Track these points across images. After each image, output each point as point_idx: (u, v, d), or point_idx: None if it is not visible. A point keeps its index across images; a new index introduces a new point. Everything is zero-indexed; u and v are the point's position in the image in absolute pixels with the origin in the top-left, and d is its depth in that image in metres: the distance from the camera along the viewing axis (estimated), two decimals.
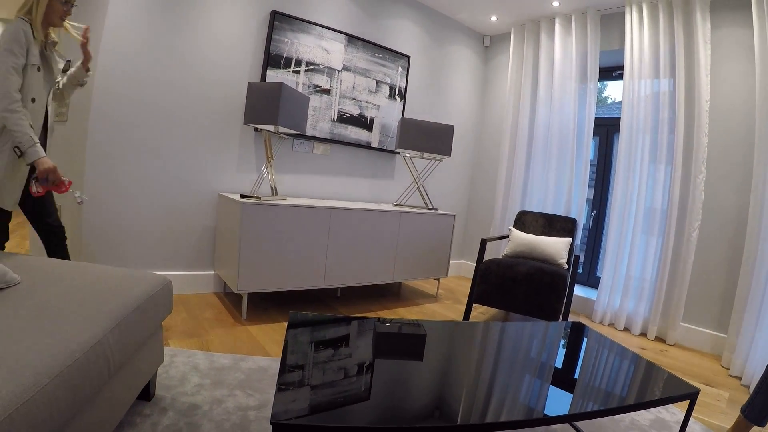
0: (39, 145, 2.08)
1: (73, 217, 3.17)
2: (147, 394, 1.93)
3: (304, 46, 3.82)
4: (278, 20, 3.66)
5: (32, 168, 2.13)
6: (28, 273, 1.72)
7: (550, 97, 4.63)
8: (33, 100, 2.14)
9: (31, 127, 2.09)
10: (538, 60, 4.78)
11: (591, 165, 4.40)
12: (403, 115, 4.66)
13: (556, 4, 4.38)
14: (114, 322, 1.42)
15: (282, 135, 3.55)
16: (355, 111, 4.24)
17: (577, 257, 3.57)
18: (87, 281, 1.70)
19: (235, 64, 3.59)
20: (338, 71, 4.07)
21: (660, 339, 3.79)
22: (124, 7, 3.09)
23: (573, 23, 4.41)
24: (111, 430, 1.49)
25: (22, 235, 5.20)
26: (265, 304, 3.45)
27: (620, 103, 4.12)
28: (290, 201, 3.39)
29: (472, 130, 5.59)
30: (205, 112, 3.49)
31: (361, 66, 4.22)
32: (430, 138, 4.09)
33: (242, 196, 3.24)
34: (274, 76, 3.69)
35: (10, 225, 2.36)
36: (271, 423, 1.12)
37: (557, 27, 4.53)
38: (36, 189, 2.13)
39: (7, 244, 2.35)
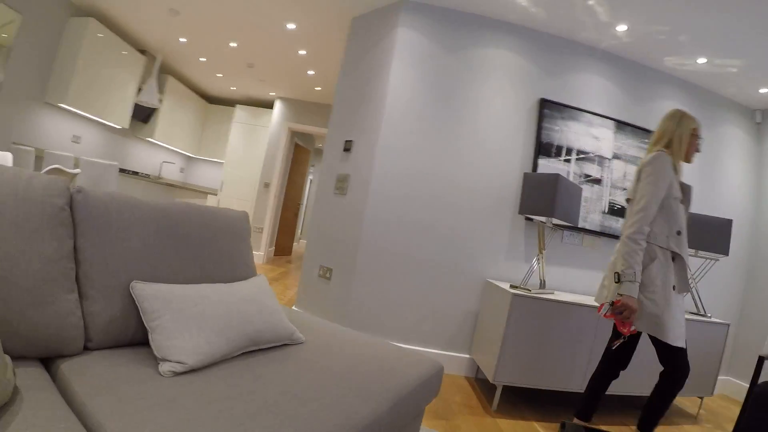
0: (637, 284, 2.26)
1: (343, 283, 3.76)
2: None
3: (573, 133, 3.95)
4: (547, 108, 3.88)
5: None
6: (310, 334, 2.05)
7: None
8: (678, 232, 2.33)
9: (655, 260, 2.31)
10: None
11: None
12: None
13: None
14: (391, 402, 1.54)
15: (555, 227, 3.66)
16: (625, 202, 4.08)
17: None
18: (366, 353, 1.91)
19: (506, 152, 3.87)
20: (608, 159, 4.09)
21: None
22: (400, 101, 3.82)
23: None
24: None
25: (285, 284, 6.36)
26: (515, 399, 3.45)
27: None
28: (558, 295, 3.44)
29: (746, 224, 5.05)
30: (477, 199, 3.86)
31: (630, 153, 4.19)
32: (705, 234, 3.86)
33: (512, 286, 3.37)
34: (545, 165, 3.87)
35: (275, 275, 2.39)
36: None
37: None
38: (605, 311, 2.35)
39: (280, 297, 2.37)
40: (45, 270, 1.37)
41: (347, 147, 4.19)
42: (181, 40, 6.43)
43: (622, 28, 3.76)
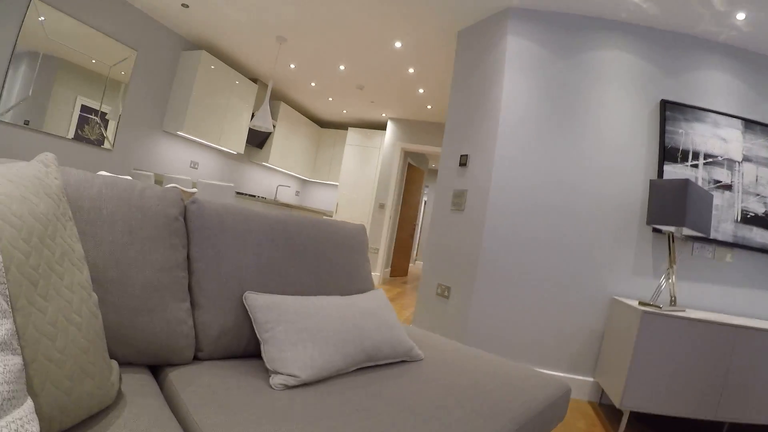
0: None
1: (461, 301, 3.75)
2: None
3: (699, 136, 3.70)
4: (669, 110, 3.66)
5: None
6: (430, 351, 2.01)
7: None
8: None
9: None
10: None
11: None
12: None
13: None
14: (517, 425, 1.43)
15: (685, 237, 3.51)
16: (760, 209, 3.83)
17: None
18: (488, 372, 1.82)
19: (629, 159, 3.69)
20: (738, 163, 3.78)
21: None
22: (515, 110, 3.75)
23: None
24: None
25: (402, 304, 6.49)
26: (640, 426, 3.26)
27: None
28: (689, 313, 3.21)
29: None
30: (600, 210, 3.67)
31: (762, 155, 3.85)
32: None
33: (640, 303, 3.18)
34: (671, 171, 3.64)
35: (391, 295, 2.33)
36: None
37: None
38: None
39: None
40: (156, 278, 1.36)
41: (463, 162, 4.11)
42: (291, 66, 6.66)
43: (740, 16, 3.40)
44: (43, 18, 4.45)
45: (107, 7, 5.07)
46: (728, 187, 3.70)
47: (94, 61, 4.98)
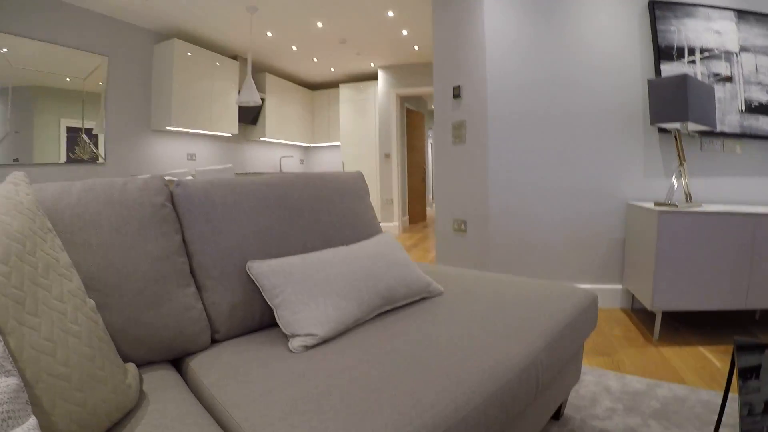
0: None
1: (479, 232, 3.73)
2: (557, 412, 1.98)
3: (692, 32, 3.62)
4: (658, 9, 3.57)
5: None
6: (449, 283, 1.99)
7: None
8: None
9: None
10: None
11: None
12: None
13: None
14: (546, 341, 1.43)
15: (692, 133, 3.45)
16: (763, 98, 3.74)
17: None
18: (510, 293, 1.81)
19: (624, 64, 3.61)
20: (736, 54, 3.69)
21: None
22: (500, 31, 3.67)
23: None
24: None
25: (425, 248, 6.48)
26: (675, 324, 3.31)
27: None
28: (706, 207, 3.17)
29: None
30: (602, 118, 3.61)
31: (760, 44, 3.73)
32: None
33: (656, 203, 3.16)
34: (668, 69, 3.58)
35: (413, 241, 2.34)
36: None
37: None
38: None
39: (411, 256, 2.28)
40: (154, 269, 1.35)
41: (456, 93, 4.06)
42: (268, 34, 6.54)
43: None
44: (5, 49, 4.38)
45: (68, 19, 4.99)
46: (729, 79, 3.63)
47: (68, 79, 4.92)
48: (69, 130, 4.94)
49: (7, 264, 0.85)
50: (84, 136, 5.10)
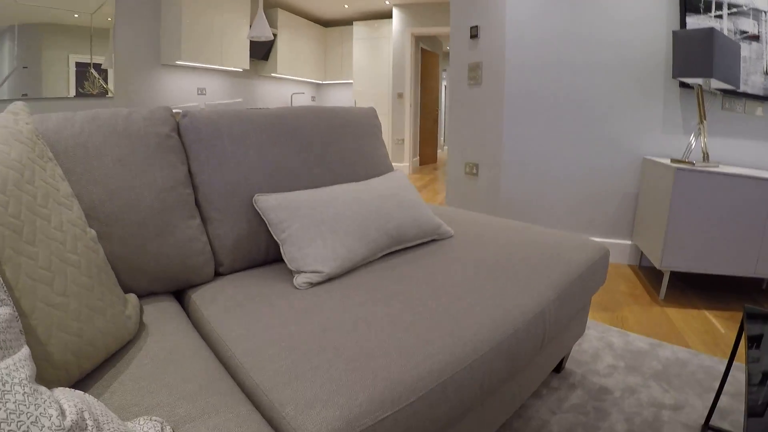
0: None
1: (491, 177, 3.70)
2: (558, 365, 1.98)
3: None
4: None
5: None
6: (460, 227, 1.95)
7: None
8: None
9: None
10: None
11: None
12: None
13: None
14: (556, 292, 1.40)
15: (714, 91, 3.35)
16: None
17: None
18: (521, 241, 1.77)
19: (648, 13, 3.45)
20: (765, 12, 3.49)
21: None
22: None
23: None
24: (523, 400, 1.48)
25: (435, 189, 6.51)
26: (682, 285, 3.27)
27: None
28: (723, 168, 3.07)
29: None
30: (624, 68, 3.48)
31: None
32: None
33: (673, 160, 3.09)
34: (694, 23, 3.43)
35: (423, 183, 2.33)
36: None
37: None
38: None
39: (430, 203, 2.30)
40: (159, 200, 1.32)
41: (474, 33, 3.92)
42: None
43: None
44: None
45: None
46: (756, 38, 3.47)
47: (76, 15, 4.80)
48: (78, 65, 4.86)
49: (5, 193, 0.82)
50: (93, 70, 5.02)
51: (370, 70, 8.52)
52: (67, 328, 0.83)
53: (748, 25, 3.46)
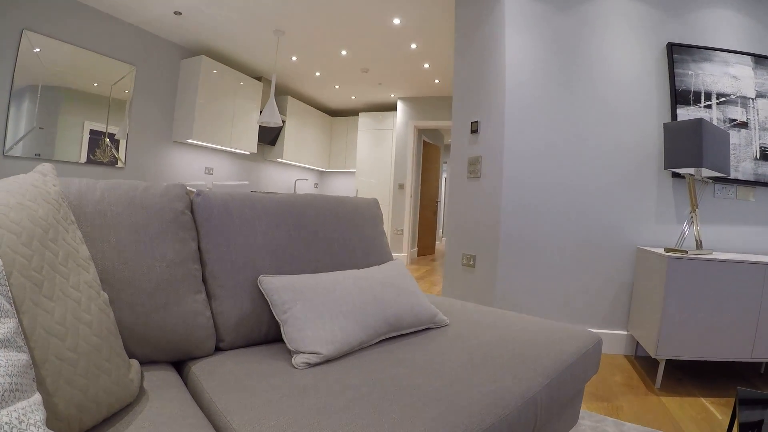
0: None
1: (487, 268, 3.76)
2: None
3: (709, 76, 3.64)
4: (677, 52, 3.61)
5: None
6: (455, 316, 2.01)
7: None
8: None
9: None
10: None
11: None
12: None
13: None
14: (547, 379, 1.43)
15: (705, 179, 3.47)
16: None
17: None
18: (515, 330, 1.82)
19: (640, 106, 3.63)
20: (752, 99, 3.70)
21: None
22: (520, 69, 3.69)
23: None
24: None
25: (432, 281, 6.50)
26: (678, 374, 3.27)
27: None
28: (717, 255, 3.16)
29: None
30: (617, 160, 3.63)
31: None
32: None
33: (666, 249, 3.15)
34: (684, 114, 3.60)
35: (420, 273, 2.36)
36: None
37: None
38: None
39: (421, 287, 2.31)
40: (168, 273, 1.37)
41: (474, 128, 4.08)
42: (293, 58, 6.65)
43: None
44: (38, 49, 4.50)
45: (100, 27, 5.11)
46: (744, 125, 3.63)
47: (96, 84, 5.03)
48: (92, 132, 5.04)
49: (30, 248, 0.87)
50: (106, 139, 5.18)
51: (373, 160, 8.76)
52: (74, 383, 0.86)
53: (737, 113, 3.63)
